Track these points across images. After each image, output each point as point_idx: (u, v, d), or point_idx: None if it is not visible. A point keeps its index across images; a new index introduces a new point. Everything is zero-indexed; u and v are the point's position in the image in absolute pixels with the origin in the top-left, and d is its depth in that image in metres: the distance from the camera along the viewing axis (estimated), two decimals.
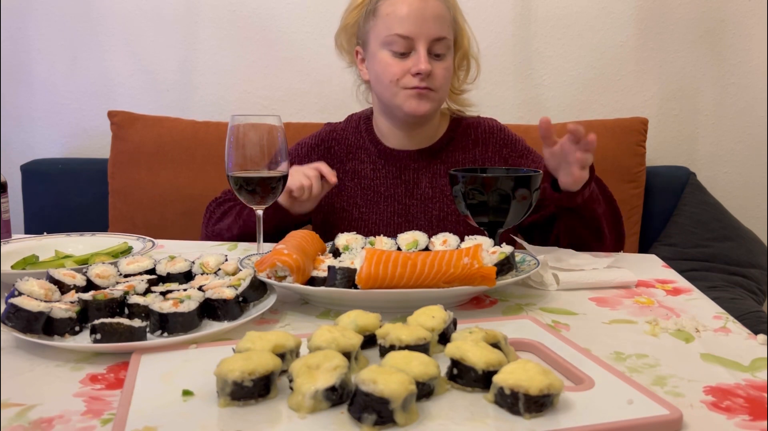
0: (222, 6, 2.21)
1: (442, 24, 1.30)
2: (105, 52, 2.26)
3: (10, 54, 2.27)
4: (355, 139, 1.44)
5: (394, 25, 1.29)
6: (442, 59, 1.32)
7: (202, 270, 0.99)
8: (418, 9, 1.28)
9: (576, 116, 2.18)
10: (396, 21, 1.29)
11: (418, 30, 1.28)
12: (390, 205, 1.40)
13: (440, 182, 1.40)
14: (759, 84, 2.17)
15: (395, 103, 1.32)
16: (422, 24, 1.28)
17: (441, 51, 1.31)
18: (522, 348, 0.75)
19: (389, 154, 1.41)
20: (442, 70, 1.32)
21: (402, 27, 1.28)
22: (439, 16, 1.30)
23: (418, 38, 1.28)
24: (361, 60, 1.40)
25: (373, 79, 1.37)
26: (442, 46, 1.31)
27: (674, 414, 0.59)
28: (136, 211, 2.02)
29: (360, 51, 1.39)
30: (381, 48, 1.32)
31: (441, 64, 1.31)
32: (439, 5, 1.31)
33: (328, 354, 0.62)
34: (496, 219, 1.11)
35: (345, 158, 1.43)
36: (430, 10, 1.29)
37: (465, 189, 1.09)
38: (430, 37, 1.29)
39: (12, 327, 0.76)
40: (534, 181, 1.09)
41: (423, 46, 1.28)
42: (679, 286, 1.06)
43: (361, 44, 1.38)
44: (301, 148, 1.46)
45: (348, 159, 1.43)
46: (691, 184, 2.05)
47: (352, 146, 1.44)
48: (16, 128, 2.32)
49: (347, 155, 1.44)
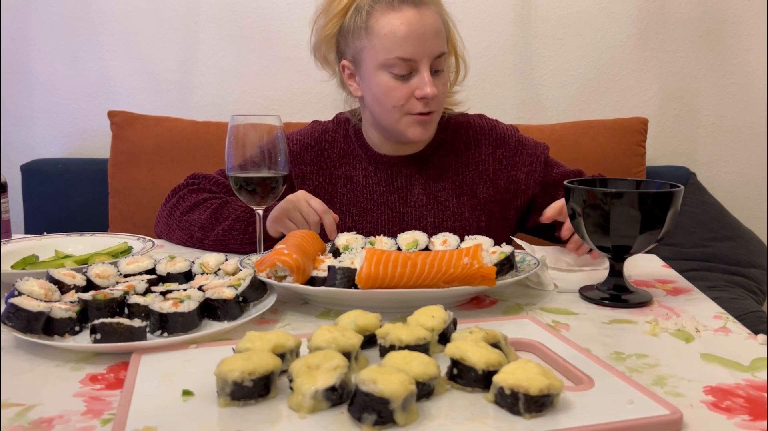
0: (222, 6, 2.21)
1: (441, 38, 1.24)
2: (105, 52, 2.25)
3: (10, 54, 2.27)
4: (345, 144, 1.38)
5: (394, 47, 1.20)
6: (440, 74, 1.26)
7: (202, 270, 0.99)
8: (418, 27, 1.20)
9: (576, 116, 2.18)
10: (396, 43, 1.20)
11: (420, 51, 1.21)
12: (384, 213, 1.34)
13: (434, 188, 1.35)
14: (759, 84, 2.17)
15: (397, 128, 1.27)
16: (423, 43, 1.21)
17: (441, 67, 1.25)
18: (522, 348, 0.75)
19: (380, 161, 1.35)
20: (442, 86, 1.26)
21: (404, 49, 1.20)
22: (437, 30, 1.23)
23: (420, 59, 1.21)
24: (349, 75, 1.32)
25: (371, 101, 1.29)
26: (442, 61, 1.25)
27: (674, 414, 0.59)
28: (136, 211, 2.01)
29: (348, 66, 1.31)
30: (380, 70, 1.23)
31: (440, 80, 1.26)
32: (435, 16, 1.24)
33: (328, 354, 0.62)
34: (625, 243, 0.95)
35: (337, 162, 1.37)
36: (429, 25, 1.21)
37: (609, 208, 0.91)
38: (432, 56, 1.22)
39: (12, 327, 0.76)
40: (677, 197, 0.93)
41: (426, 68, 1.21)
42: (679, 286, 1.06)
43: (351, 60, 1.29)
44: (293, 145, 1.38)
45: (340, 164, 1.37)
46: (691, 184, 2.05)
47: (343, 150, 1.38)
48: (16, 128, 2.32)
49: (339, 160, 1.38)
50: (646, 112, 2.17)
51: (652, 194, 0.92)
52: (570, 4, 2.16)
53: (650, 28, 2.16)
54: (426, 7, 1.23)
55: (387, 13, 1.22)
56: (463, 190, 1.35)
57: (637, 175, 2.00)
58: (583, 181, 1.01)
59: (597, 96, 2.20)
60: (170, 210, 1.37)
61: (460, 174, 1.36)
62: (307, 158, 1.38)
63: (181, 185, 1.40)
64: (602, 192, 0.92)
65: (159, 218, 1.40)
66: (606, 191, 0.92)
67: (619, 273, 0.98)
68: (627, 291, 0.97)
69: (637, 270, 1.14)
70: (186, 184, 1.40)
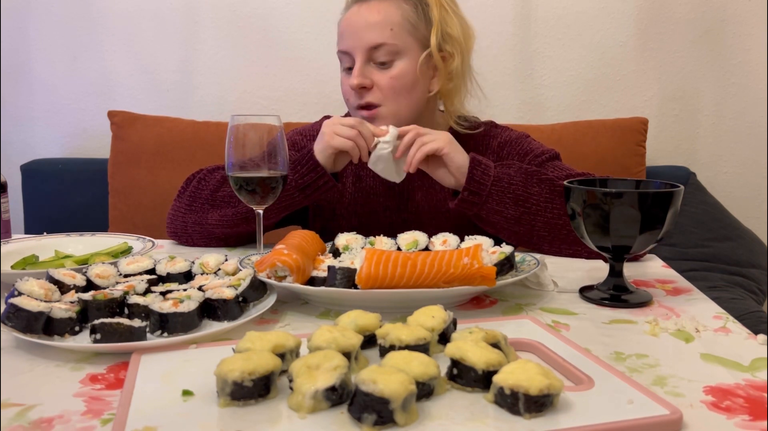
0: (222, 6, 2.21)
1: (381, 29, 1.21)
2: (105, 52, 2.26)
3: (10, 54, 2.27)
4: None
5: (338, 42, 1.28)
6: (389, 67, 1.23)
7: (202, 270, 0.99)
8: (354, 21, 1.24)
9: (576, 116, 2.18)
10: (339, 38, 1.27)
11: (352, 42, 1.24)
12: (388, 218, 1.35)
13: (436, 197, 1.34)
14: (759, 84, 2.17)
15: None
16: (354, 35, 1.23)
17: (385, 58, 1.23)
18: (522, 348, 0.75)
19: None
20: (389, 79, 1.23)
21: (341, 42, 1.26)
22: (375, 22, 1.22)
23: (353, 51, 1.23)
24: None
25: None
26: (385, 52, 1.22)
27: (674, 414, 0.58)
28: (136, 211, 2.02)
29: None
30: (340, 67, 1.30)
31: (387, 73, 1.23)
32: (380, 7, 1.22)
33: (328, 354, 0.62)
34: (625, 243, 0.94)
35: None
36: (364, 17, 1.22)
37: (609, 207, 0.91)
38: (364, 48, 1.22)
39: (12, 327, 0.76)
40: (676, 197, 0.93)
41: (359, 58, 1.23)
42: (679, 286, 1.06)
43: None
44: (308, 141, 1.37)
45: (350, 162, 1.38)
46: (691, 184, 2.05)
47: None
48: (16, 128, 2.32)
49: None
50: (646, 112, 2.17)
51: (652, 194, 0.92)
52: (570, 4, 2.16)
53: (650, 28, 2.16)
54: (377, 1, 1.23)
55: (343, 13, 1.29)
56: None
57: (637, 175, 2.00)
58: (583, 181, 1.01)
59: (597, 96, 2.20)
60: (191, 197, 1.30)
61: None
62: None
63: (189, 178, 1.35)
64: (602, 192, 0.92)
65: (175, 213, 1.32)
66: (606, 191, 0.92)
67: (619, 273, 0.98)
68: (627, 291, 0.97)
69: (637, 271, 1.14)
70: (194, 175, 1.35)
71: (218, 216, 1.27)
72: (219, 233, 1.28)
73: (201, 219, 1.29)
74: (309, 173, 1.19)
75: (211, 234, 1.29)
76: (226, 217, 1.26)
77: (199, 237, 1.30)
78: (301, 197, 1.21)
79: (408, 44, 1.24)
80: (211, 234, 1.29)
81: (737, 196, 2.22)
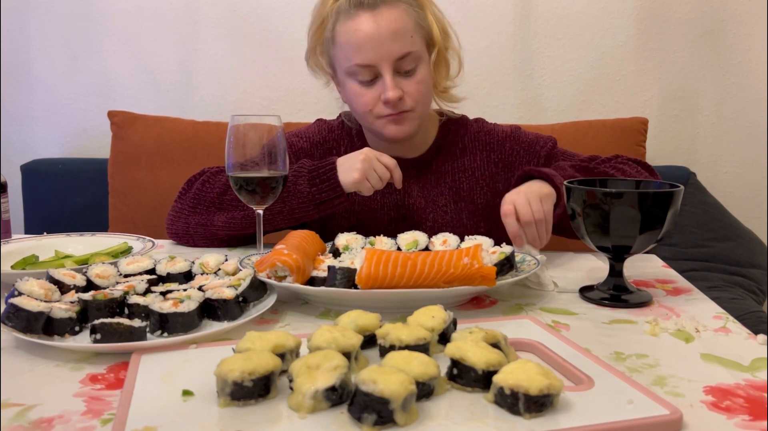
0: (222, 6, 2.21)
1: (403, 37, 1.20)
2: (105, 52, 2.26)
3: (10, 54, 2.27)
4: (350, 143, 1.39)
5: (352, 55, 1.21)
6: (413, 74, 1.23)
7: (202, 270, 0.99)
8: (373, 33, 1.19)
9: (576, 116, 2.18)
10: (353, 50, 1.21)
11: (377, 55, 1.19)
12: (386, 214, 1.36)
13: (432, 192, 1.35)
14: (759, 84, 2.17)
15: (374, 129, 1.28)
16: (380, 47, 1.19)
17: (410, 66, 1.22)
18: (522, 348, 0.75)
19: None
20: (416, 85, 1.23)
21: (360, 56, 1.20)
22: (396, 30, 1.20)
23: (380, 64, 1.20)
24: (336, 83, 1.34)
25: (349, 106, 1.33)
26: (410, 60, 1.22)
27: (674, 414, 0.59)
28: (136, 211, 2.01)
29: (332, 74, 1.33)
30: (347, 78, 1.25)
31: (413, 80, 1.23)
32: (395, 15, 1.20)
33: (328, 354, 0.62)
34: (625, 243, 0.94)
35: None
36: (385, 28, 1.19)
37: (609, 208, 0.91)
38: (392, 59, 1.20)
39: (12, 327, 0.76)
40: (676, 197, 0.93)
41: (387, 71, 1.20)
42: (679, 286, 1.06)
43: (332, 69, 1.32)
44: (303, 142, 1.39)
45: None
46: (691, 184, 2.05)
47: (349, 150, 1.36)
48: (16, 128, 2.32)
49: None
50: (646, 112, 2.17)
51: (652, 194, 0.92)
52: (570, 4, 2.16)
53: (650, 28, 2.16)
54: (387, 9, 1.21)
55: (345, 22, 1.22)
56: (460, 196, 1.35)
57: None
58: (583, 181, 1.01)
59: (597, 96, 2.20)
60: (195, 199, 1.29)
61: (458, 180, 1.36)
62: (316, 155, 1.38)
63: (191, 179, 1.35)
64: (602, 192, 0.93)
65: (177, 214, 1.32)
66: (606, 191, 0.92)
67: (619, 273, 0.98)
68: (627, 291, 0.97)
69: (637, 271, 1.14)
70: (197, 176, 1.34)
71: (225, 218, 1.27)
72: (223, 235, 1.29)
73: (205, 221, 1.29)
74: (328, 191, 1.21)
75: (215, 236, 1.30)
76: (234, 220, 1.26)
77: (201, 238, 1.31)
78: (315, 212, 1.23)
79: (422, 48, 1.25)
80: (214, 236, 1.30)
81: (737, 195, 2.22)
